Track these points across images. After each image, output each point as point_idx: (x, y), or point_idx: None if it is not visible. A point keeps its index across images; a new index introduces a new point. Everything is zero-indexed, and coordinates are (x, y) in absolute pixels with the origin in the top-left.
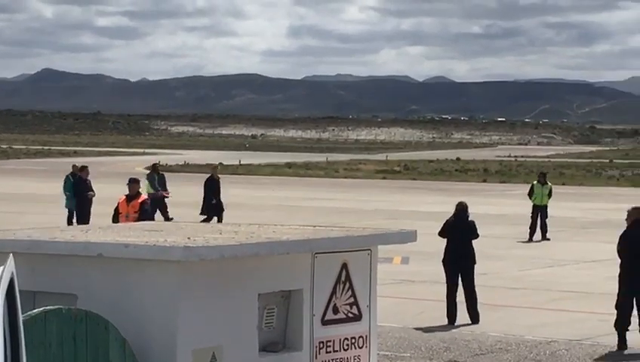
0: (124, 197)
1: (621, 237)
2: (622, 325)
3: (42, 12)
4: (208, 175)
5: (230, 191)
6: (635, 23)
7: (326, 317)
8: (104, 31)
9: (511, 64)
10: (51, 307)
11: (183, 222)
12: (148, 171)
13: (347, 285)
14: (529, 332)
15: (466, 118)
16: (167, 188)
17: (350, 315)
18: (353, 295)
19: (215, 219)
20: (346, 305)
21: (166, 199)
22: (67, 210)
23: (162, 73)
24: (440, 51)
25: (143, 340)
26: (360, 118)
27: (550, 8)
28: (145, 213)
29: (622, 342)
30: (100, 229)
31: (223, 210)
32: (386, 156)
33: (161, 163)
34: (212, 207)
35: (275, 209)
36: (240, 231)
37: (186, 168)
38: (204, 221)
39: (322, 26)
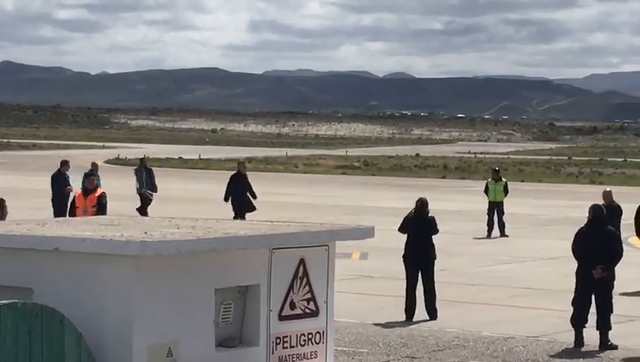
0: (81, 191)
1: (576, 234)
2: (578, 322)
3: (2, 4)
4: (234, 171)
5: (190, 186)
6: (595, 20)
7: (283, 313)
8: (64, 24)
9: (471, 60)
10: (6, 301)
11: (140, 217)
12: (135, 166)
13: (304, 281)
14: (487, 328)
15: (426, 114)
16: (156, 183)
17: (307, 311)
18: (310, 290)
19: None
20: (303, 300)
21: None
22: None
23: (122, 66)
24: (400, 47)
25: (98, 335)
26: (320, 113)
27: (510, 5)
28: (102, 208)
29: (579, 339)
30: (57, 223)
31: (251, 207)
32: (346, 151)
33: (120, 156)
34: (244, 204)
35: None
36: (197, 226)
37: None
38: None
39: (283, 21)
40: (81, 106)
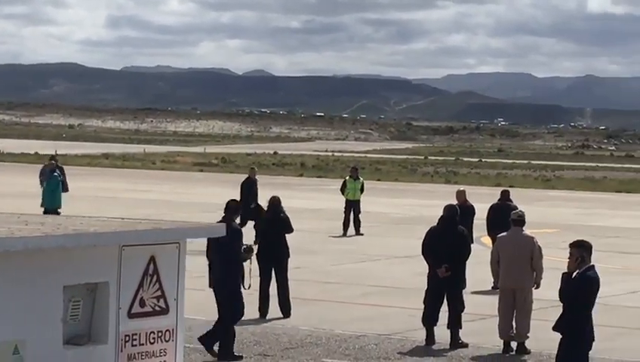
0: None
1: (427, 233)
2: (430, 320)
3: None
4: (245, 176)
5: None
6: (452, 22)
7: (132, 311)
8: None
9: (330, 59)
10: None
11: None
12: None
13: (154, 278)
14: (339, 326)
15: (285, 112)
16: (66, 181)
17: (157, 308)
18: (160, 288)
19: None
20: (153, 298)
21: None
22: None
23: None
24: (259, 45)
25: None
26: (179, 110)
27: (369, 5)
28: None
29: (430, 337)
30: None
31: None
32: (204, 149)
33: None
34: (250, 212)
35: (90, 200)
36: (47, 222)
37: (1, 157)
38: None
39: (142, 17)
40: None
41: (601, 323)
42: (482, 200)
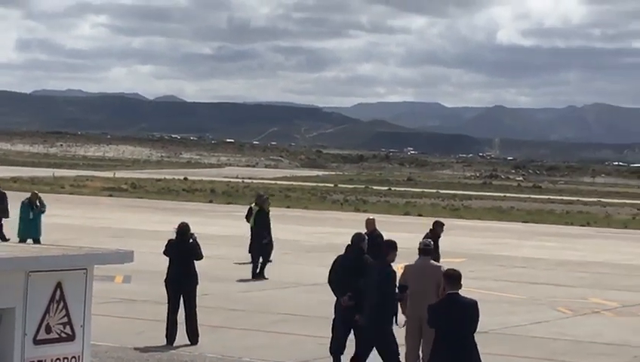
0: None
1: (334, 262)
2: (337, 349)
3: None
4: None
5: None
6: (363, 51)
7: (38, 337)
8: None
9: (241, 86)
10: None
11: None
12: None
13: (61, 304)
14: (247, 353)
15: (196, 138)
16: (7, 208)
17: (63, 335)
18: (67, 314)
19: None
20: (60, 324)
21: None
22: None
23: None
24: (170, 71)
25: None
26: (89, 135)
27: (280, 33)
28: None
29: None
30: None
31: (271, 248)
32: (114, 173)
33: None
34: (263, 247)
35: None
36: None
37: None
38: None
39: (53, 41)
40: None
41: (509, 354)
42: (391, 228)
